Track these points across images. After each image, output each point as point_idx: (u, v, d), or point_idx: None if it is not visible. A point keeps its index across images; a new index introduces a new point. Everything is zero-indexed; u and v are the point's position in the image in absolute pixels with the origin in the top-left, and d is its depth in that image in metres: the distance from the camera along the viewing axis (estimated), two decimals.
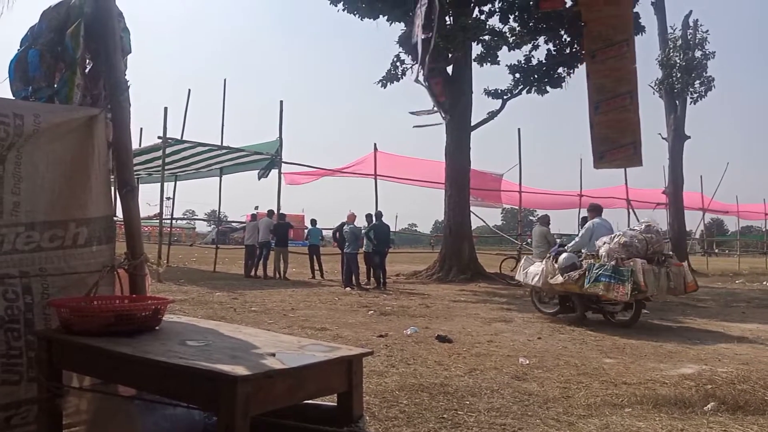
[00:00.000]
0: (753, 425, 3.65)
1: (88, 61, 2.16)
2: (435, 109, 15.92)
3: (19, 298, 2.02)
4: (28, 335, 1.99)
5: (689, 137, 25.65)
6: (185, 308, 8.43)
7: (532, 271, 8.77)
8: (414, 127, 16.09)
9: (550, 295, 8.90)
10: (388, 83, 16.99)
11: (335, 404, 1.61)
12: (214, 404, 1.34)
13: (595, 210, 9.36)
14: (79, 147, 2.19)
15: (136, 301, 2.06)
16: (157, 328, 1.87)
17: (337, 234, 15.07)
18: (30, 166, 2.12)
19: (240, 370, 1.31)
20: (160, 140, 14.26)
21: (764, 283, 18.33)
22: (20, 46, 2.27)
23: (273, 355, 1.52)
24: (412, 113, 16.14)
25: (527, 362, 5.48)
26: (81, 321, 1.76)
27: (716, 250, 40.64)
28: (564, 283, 8.17)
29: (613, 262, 7.76)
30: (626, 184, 23.93)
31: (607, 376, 5.03)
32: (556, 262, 8.39)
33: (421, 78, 14.40)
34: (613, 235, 8.22)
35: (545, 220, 12.30)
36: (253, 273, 15.68)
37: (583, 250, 8.67)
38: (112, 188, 2.28)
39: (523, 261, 9.35)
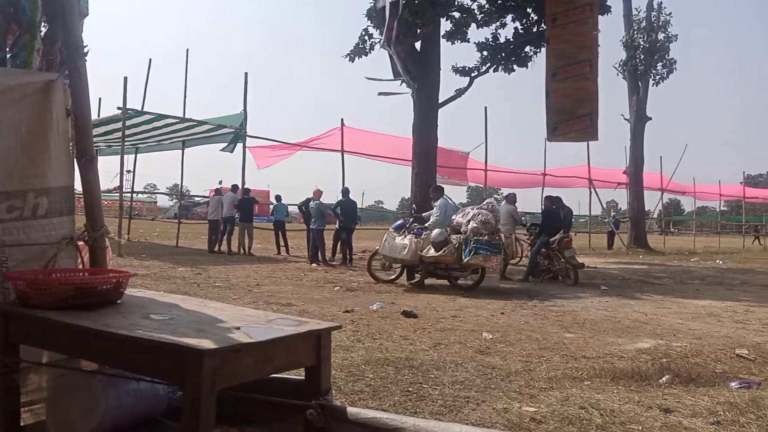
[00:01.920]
0: (704, 396, 3.80)
1: (43, 24, 2.06)
2: (395, 77, 15.66)
3: None
4: None
5: (650, 118, 26.23)
6: (147, 283, 8.28)
7: (398, 244, 9.45)
8: (379, 94, 15.83)
9: (395, 264, 9.93)
10: (356, 57, 16.77)
11: (303, 378, 1.60)
12: (180, 378, 1.32)
13: (440, 190, 10.64)
14: (36, 113, 2.09)
15: (96, 273, 2.00)
16: (118, 301, 1.83)
17: (303, 209, 14.98)
18: None
19: (206, 344, 1.29)
20: (120, 111, 13.83)
21: (717, 261, 19.04)
22: None
23: (239, 328, 1.50)
24: (369, 78, 15.83)
25: (490, 337, 5.59)
26: (39, 294, 1.70)
27: (673, 230, 41.90)
28: (439, 256, 9.17)
29: (485, 237, 9.05)
30: (588, 163, 24.34)
31: (568, 350, 5.17)
32: (414, 235, 9.44)
33: (388, 44, 14.18)
34: (468, 213, 9.52)
35: (512, 199, 12.45)
36: (216, 248, 15.49)
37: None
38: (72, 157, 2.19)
39: (385, 236, 9.87)
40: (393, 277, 10.00)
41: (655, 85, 26.19)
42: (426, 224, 9.90)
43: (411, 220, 10.61)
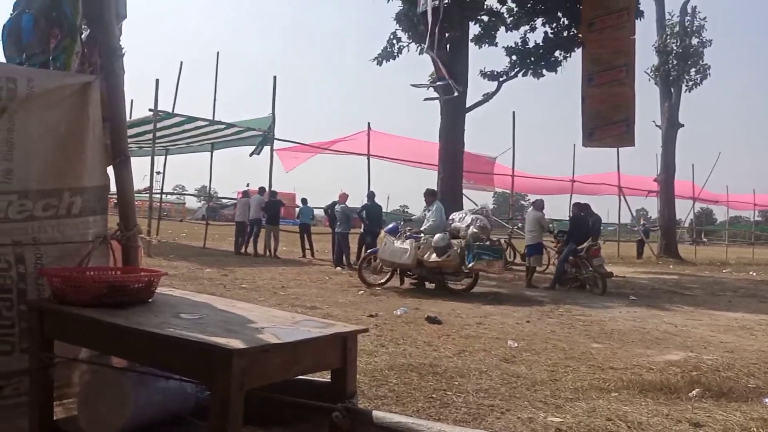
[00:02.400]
0: (736, 411, 3.70)
1: (84, 27, 2.11)
2: (439, 81, 15.60)
3: (12, 267, 1.99)
4: (21, 306, 1.97)
5: (683, 125, 25.72)
6: (175, 283, 8.40)
7: (398, 249, 9.44)
8: (425, 99, 15.81)
9: (386, 268, 9.86)
10: (384, 61, 16.83)
11: (329, 380, 1.60)
12: (209, 377, 1.34)
13: (433, 194, 10.67)
14: (74, 115, 2.14)
15: (129, 272, 2.04)
16: (149, 300, 1.86)
17: (328, 212, 15.04)
18: (23, 132, 2.07)
19: (236, 344, 1.30)
20: (151, 113, 14.08)
21: (751, 273, 18.56)
22: (13, 11, 2.22)
23: (267, 329, 1.51)
24: (414, 85, 15.83)
25: (516, 345, 5.53)
26: (73, 291, 1.74)
27: (705, 240, 41.00)
28: (442, 261, 9.23)
29: (488, 242, 9.30)
30: (618, 170, 23.96)
31: (595, 360, 5.09)
32: (412, 240, 9.40)
33: (431, 49, 14.13)
34: (465, 218, 9.67)
35: (540, 205, 12.31)
36: (243, 250, 15.65)
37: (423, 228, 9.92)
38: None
39: (384, 240, 9.89)
40: (383, 280, 9.94)
41: (687, 91, 25.67)
42: (421, 228, 9.91)
43: (402, 223, 10.65)
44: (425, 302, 8.26)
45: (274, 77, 15.72)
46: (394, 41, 16.62)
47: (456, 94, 14.63)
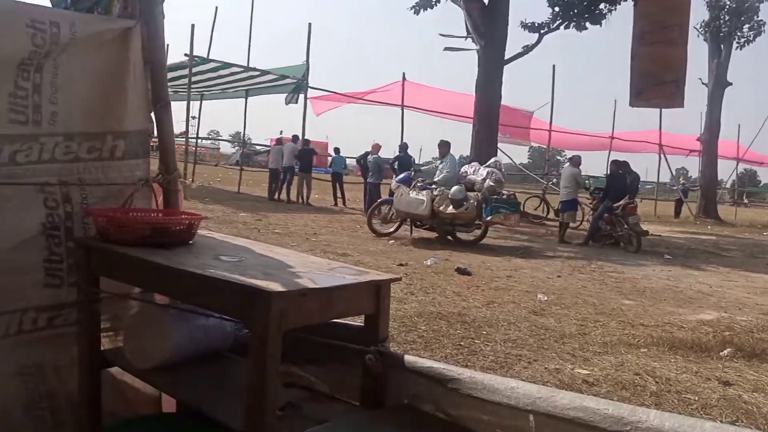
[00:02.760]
0: None
1: None
2: (467, 34, 15.23)
3: (60, 206, 2.07)
4: (69, 242, 2.05)
5: (731, 84, 24.63)
6: (211, 226, 8.59)
7: (414, 199, 9.38)
8: (445, 49, 15.48)
9: (400, 219, 9.84)
10: (421, 10, 16.42)
11: (362, 325, 1.65)
12: (249, 317, 1.39)
13: (446, 145, 10.46)
14: (115, 59, 2.17)
15: (170, 214, 2.10)
16: (190, 242, 1.91)
17: (361, 162, 15.04)
18: (66, 76, 2.11)
19: (274, 286, 1.34)
20: (187, 58, 14.12)
21: None
22: None
23: (304, 274, 1.55)
24: (442, 35, 15.49)
25: (545, 298, 5.55)
26: (118, 231, 1.80)
27: (746, 201, 39.76)
28: (458, 213, 9.25)
29: (504, 195, 9.46)
30: (660, 128, 23.22)
31: (625, 316, 5.09)
32: (428, 191, 9.37)
33: None
34: (480, 171, 9.69)
35: (576, 162, 12.08)
36: (276, 196, 15.86)
37: (436, 177, 9.91)
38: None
39: (398, 190, 9.72)
40: (392, 230, 10.01)
41: (739, 48, 24.45)
42: (435, 179, 9.89)
43: (414, 173, 10.55)
44: (455, 254, 8.30)
45: (309, 24, 15.56)
46: None
47: (477, 48, 14.23)
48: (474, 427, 1.33)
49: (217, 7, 16.50)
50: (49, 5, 2.20)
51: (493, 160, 10.56)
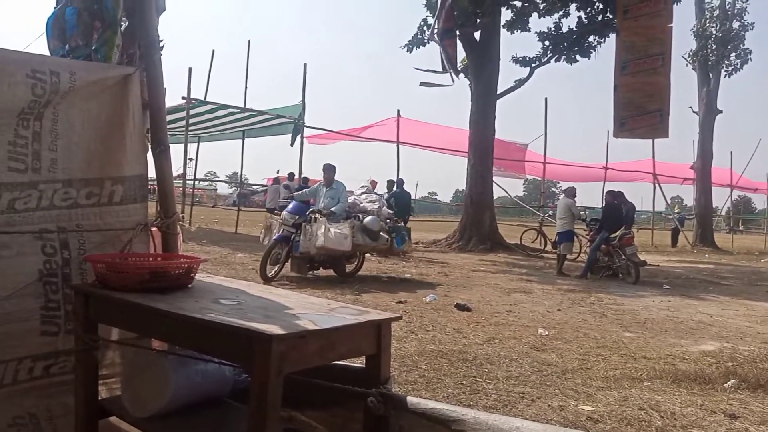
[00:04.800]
0: None
1: (123, 19, 2.16)
2: (443, 70, 15.38)
3: (57, 253, 2.07)
4: (66, 289, 2.05)
5: (721, 111, 25.02)
6: (208, 268, 8.56)
7: (340, 234, 8.13)
8: (420, 84, 15.64)
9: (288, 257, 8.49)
10: (414, 48, 16.74)
11: (364, 366, 1.63)
12: (249, 362, 1.38)
13: (332, 170, 9.09)
14: (115, 106, 2.20)
15: (169, 258, 2.10)
16: (189, 286, 1.91)
17: None
18: (66, 123, 2.14)
19: (274, 329, 1.34)
20: (184, 101, 14.28)
21: None
22: (57, 4, 2.28)
23: (304, 316, 1.55)
24: (416, 69, 15.67)
25: (546, 333, 5.51)
26: (117, 277, 1.80)
27: (742, 228, 39.87)
28: (376, 245, 8.95)
29: (402, 223, 9.87)
30: (653, 158, 23.46)
31: (627, 349, 5.04)
32: (351, 222, 8.57)
33: (436, 36, 13.98)
34: (368, 198, 9.54)
35: (571, 193, 12.16)
36: None
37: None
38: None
39: (315, 224, 8.20)
40: (273, 273, 8.35)
41: (727, 76, 24.92)
42: (332, 209, 8.50)
43: (306, 208, 8.78)
44: (454, 290, 8.26)
45: (305, 65, 15.78)
46: (425, 28, 16.51)
47: (452, 83, 14.41)
48: None
49: (214, 50, 16.77)
50: (48, 53, 2.25)
51: (362, 185, 9.96)
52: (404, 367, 4.08)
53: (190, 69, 14.43)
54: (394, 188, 14.31)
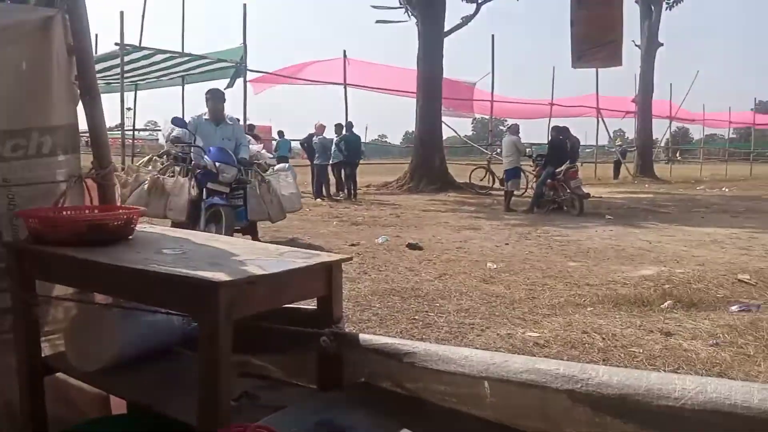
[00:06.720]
0: (705, 320, 3.90)
1: None
2: (400, 4, 15.06)
3: None
4: None
5: (662, 44, 25.51)
6: (152, 219, 8.36)
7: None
8: (377, 22, 15.35)
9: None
10: None
11: (316, 308, 1.64)
12: (196, 310, 1.36)
13: (221, 98, 6.59)
14: (36, 51, 2.05)
15: (106, 210, 2.02)
16: (130, 237, 1.85)
17: (305, 145, 14.87)
18: None
19: (221, 276, 1.31)
20: (117, 47, 13.53)
21: (724, 189, 19.00)
22: None
23: (252, 261, 1.53)
24: (375, 7, 15.32)
25: (495, 267, 5.67)
26: (52, 231, 1.72)
27: (680, 158, 41.53)
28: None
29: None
30: (597, 92, 23.86)
31: (571, 278, 5.26)
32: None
33: None
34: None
35: (515, 130, 12.33)
36: None
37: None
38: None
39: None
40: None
41: (668, 8, 25.30)
42: (241, 156, 6.32)
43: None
44: (406, 230, 8.36)
45: (244, 5, 15.08)
46: None
47: (407, 20, 14.17)
48: (431, 399, 1.35)
49: None
50: None
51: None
52: (358, 307, 4.15)
53: (121, 13, 13.58)
54: (344, 132, 14.13)
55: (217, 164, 5.73)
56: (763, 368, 3.08)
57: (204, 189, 5.75)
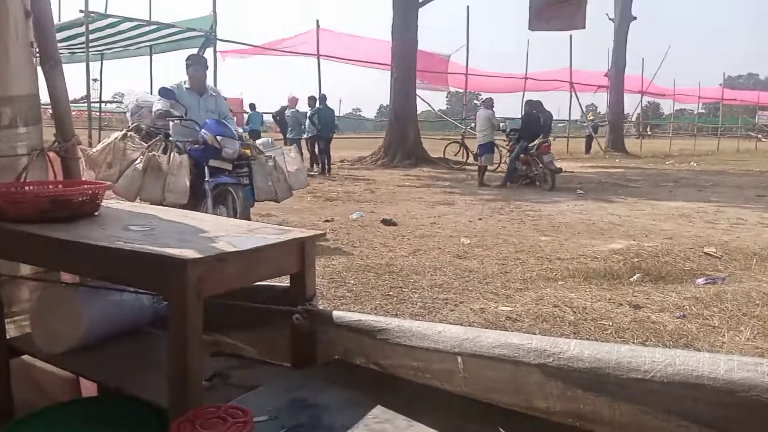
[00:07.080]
0: (672, 293, 3.99)
1: None
2: None
3: None
4: None
5: (635, 18, 25.62)
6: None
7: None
8: None
9: None
10: None
11: (288, 285, 1.62)
12: (165, 289, 1.33)
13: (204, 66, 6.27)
14: None
15: (71, 185, 1.95)
16: (96, 213, 1.79)
17: (278, 118, 14.67)
18: None
19: (189, 253, 1.28)
20: (82, 14, 13.04)
21: (692, 163, 19.38)
22: None
23: (222, 238, 1.49)
24: None
25: (468, 242, 5.71)
26: (13, 207, 1.66)
27: (650, 133, 42.15)
28: None
29: None
30: (570, 66, 23.95)
31: (543, 252, 5.32)
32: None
33: None
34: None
35: (489, 104, 12.32)
36: None
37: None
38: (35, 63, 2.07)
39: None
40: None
41: None
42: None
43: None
44: (380, 206, 8.35)
45: None
46: None
47: None
48: (405, 375, 1.35)
49: None
50: None
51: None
52: (332, 284, 4.14)
53: None
54: (317, 105, 13.96)
55: (219, 138, 5.14)
56: (726, 339, 3.18)
57: (206, 167, 5.14)
